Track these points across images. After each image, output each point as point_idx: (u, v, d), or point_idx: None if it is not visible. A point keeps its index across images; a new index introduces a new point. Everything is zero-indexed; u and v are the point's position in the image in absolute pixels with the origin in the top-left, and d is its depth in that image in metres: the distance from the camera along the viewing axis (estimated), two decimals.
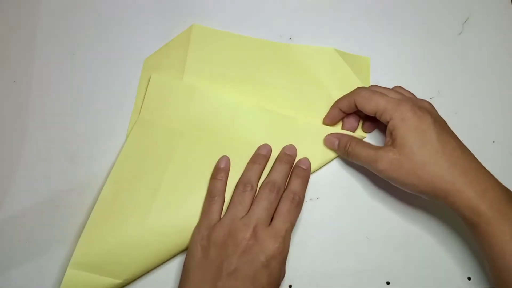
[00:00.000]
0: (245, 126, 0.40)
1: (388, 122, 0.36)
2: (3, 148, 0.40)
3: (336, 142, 0.39)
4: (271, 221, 0.35)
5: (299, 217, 0.37)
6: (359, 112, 0.40)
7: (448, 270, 0.38)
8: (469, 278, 0.38)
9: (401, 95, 0.37)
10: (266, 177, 0.38)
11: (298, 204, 0.36)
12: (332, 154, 0.40)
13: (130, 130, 0.41)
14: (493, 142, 0.42)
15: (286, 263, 0.35)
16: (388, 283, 0.38)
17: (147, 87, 0.41)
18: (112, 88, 0.43)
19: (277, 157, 0.39)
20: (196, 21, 0.44)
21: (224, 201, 0.37)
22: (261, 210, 0.35)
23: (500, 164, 0.41)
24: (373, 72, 0.44)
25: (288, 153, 0.39)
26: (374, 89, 0.38)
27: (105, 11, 0.45)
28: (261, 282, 0.32)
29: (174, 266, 0.37)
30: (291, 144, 0.40)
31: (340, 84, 0.42)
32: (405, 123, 0.34)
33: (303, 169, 0.39)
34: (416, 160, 0.34)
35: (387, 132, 0.36)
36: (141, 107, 0.41)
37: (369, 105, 0.36)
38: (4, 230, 0.38)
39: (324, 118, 0.41)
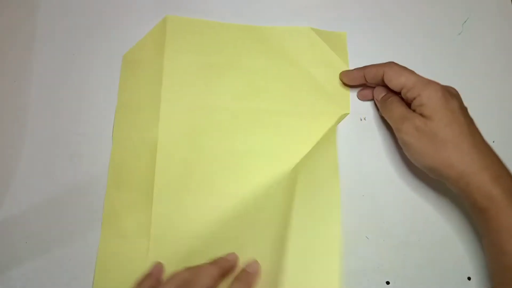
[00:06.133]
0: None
1: (414, 98, 0.36)
2: (3, 148, 0.40)
3: (383, 93, 0.40)
4: None
5: None
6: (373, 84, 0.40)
7: (448, 270, 0.38)
8: (469, 278, 0.38)
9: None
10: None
11: None
12: (310, 146, 0.41)
13: (116, 125, 0.41)
14: (493, 142, 0.42)
15: None
16: (388, 283, 0.38)
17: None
18: (112, 88, 0.42)
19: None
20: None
21: None
22: None
23: None
24: None
25: (228, 258, 0.35)
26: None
27: (105, 11, 0.45)
28: None
29: None
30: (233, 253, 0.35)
31: (318, 61, 0.43)
32: (432, 102, 0.34)
33: (249, 273, 0.34)
34: (441, 136, 0.34)
35: (412, 108, 0.36)
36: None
37: (398, 79, 0.36)
38: (4, 230, 0.38)
39: (343, 74, 0.42)
